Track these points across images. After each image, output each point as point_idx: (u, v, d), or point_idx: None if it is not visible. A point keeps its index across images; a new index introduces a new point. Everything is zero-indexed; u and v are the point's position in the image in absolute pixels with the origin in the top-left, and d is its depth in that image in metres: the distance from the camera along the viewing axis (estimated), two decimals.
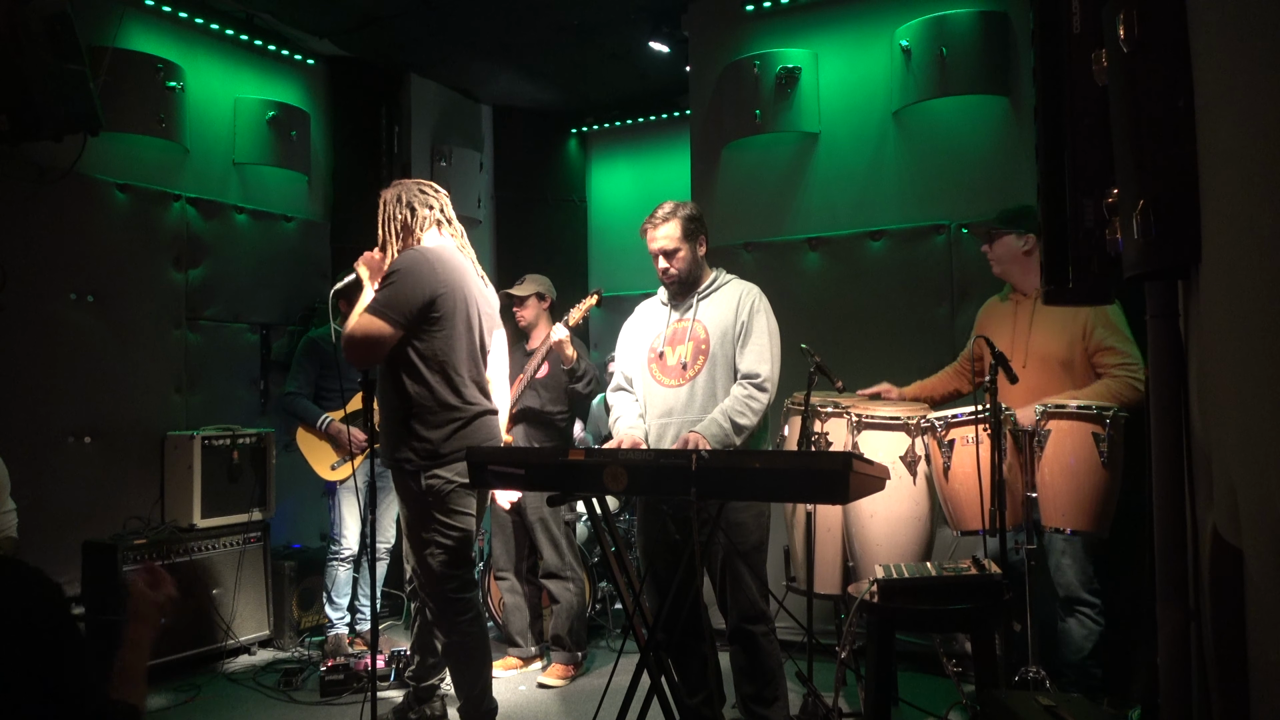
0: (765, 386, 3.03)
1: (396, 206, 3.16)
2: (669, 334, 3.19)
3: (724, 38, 4.86)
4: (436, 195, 3.21)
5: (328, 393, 4.50)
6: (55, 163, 3.99)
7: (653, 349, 3.21)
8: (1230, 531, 1.25)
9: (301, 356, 4.55)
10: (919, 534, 3.32)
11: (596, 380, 4.36)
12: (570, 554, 4.28)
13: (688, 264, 3.17)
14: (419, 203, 3.16)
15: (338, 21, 5.19)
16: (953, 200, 4.27)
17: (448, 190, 3.33)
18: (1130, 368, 3.19)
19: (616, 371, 3.36)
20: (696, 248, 3.18)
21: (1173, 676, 1.64)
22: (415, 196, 3.17)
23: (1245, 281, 1.12)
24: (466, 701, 3.09)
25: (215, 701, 3.91)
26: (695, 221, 3.18)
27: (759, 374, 3.02)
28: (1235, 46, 1.15)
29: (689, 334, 3.15)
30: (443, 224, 3.19)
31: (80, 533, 4.11)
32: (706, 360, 3.08)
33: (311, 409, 4.46)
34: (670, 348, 3.16)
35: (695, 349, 3.12)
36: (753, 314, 3.09)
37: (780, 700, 3.00)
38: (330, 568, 4.50)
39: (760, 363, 3.04)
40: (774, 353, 3.09)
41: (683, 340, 3.15)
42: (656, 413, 3.15)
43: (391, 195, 3.19)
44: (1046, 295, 1.88)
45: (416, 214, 3.14)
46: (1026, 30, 4.08)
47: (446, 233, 3.19)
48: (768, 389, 3.04)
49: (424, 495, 2.99)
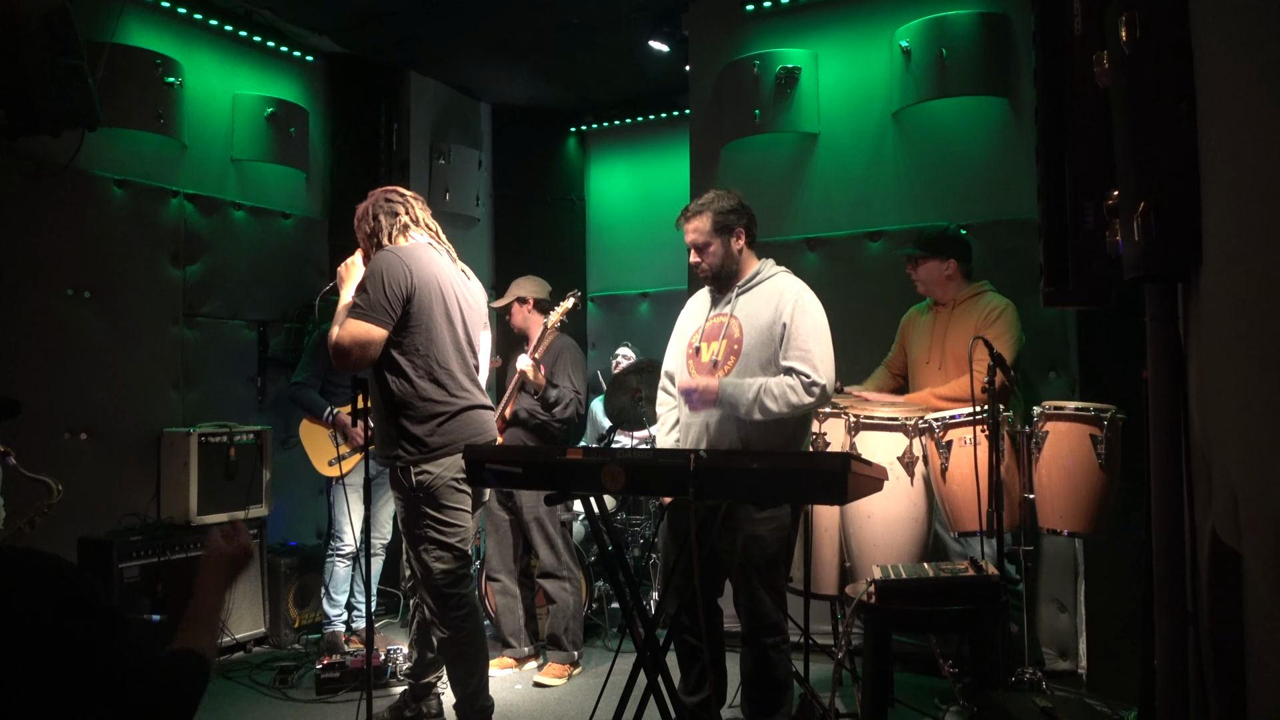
0: (813, 390, 2.84)
1: (364, 220, 3.20)
2: (707, 328, 3.08)
3: (724, 37, 4.86)
4: (403, 200, 3.21)
5: (336, 388, 4.50)
6: (53, 158, 3.98)
7: (691, 344, 3.10)
8: (1230, 535, 1.25)
9: (314, 349, 4.56)
10: (916, 535, 3.33)
11: (577, 404, 4.27)
12: (567, 554, 4.27)
13: (719, 259, 3.03)
14: (384, 212, 3.17)
15: (337, 18, 5.19)
16: (952, 202, 4.27)
17: (446, 188, 3.33)
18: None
19: (664, 367, 3.29)
20: (731, 241, 3.02)
21: (1170, 679, 1.64)
22: (380, 207, 3.19)
23: (1249, 285, 1.12)
24: (463, 699, 3.09)
25: (210, 699, 3.86)
26: (731, 214, 3.01)
27: (808, 374, 2.85)
28: (1238, 50, 1.15)
29: (724, 331, 3.01)
30: (410, 227, 3.18)
31: (76, 529, 4.09)
32: (737, 361, 2.95)
33: (317, 399, 4.48)
34: (706, 344, 3.05)
35: (728, 347, 2.99)
36: (795, 313, 2.91)
37: (783, 710, 2.96)
38: (329, 564, 4.50)
39: (806, 364, 2.86)
40: (822, 354, 2.89)
41: (717, 336, 3.03)
42: (686, 413, 3.07)
43: (361, 210, 3.22)
44: (1046, 297, 1.88)
45: (382, 224, 3.16)
46: (1026, 32, 4.09)
47: (416, 235, 3.18)
48: (815, 393, 2.84)
49: (415, 491, 3.00)
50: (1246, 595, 1.24)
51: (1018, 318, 3.59)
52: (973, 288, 3.74)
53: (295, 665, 4.19)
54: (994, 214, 4.15)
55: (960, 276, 3.74)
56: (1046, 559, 3.93)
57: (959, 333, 3.60)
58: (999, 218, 4.12)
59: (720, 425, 2.97)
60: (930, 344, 3.74)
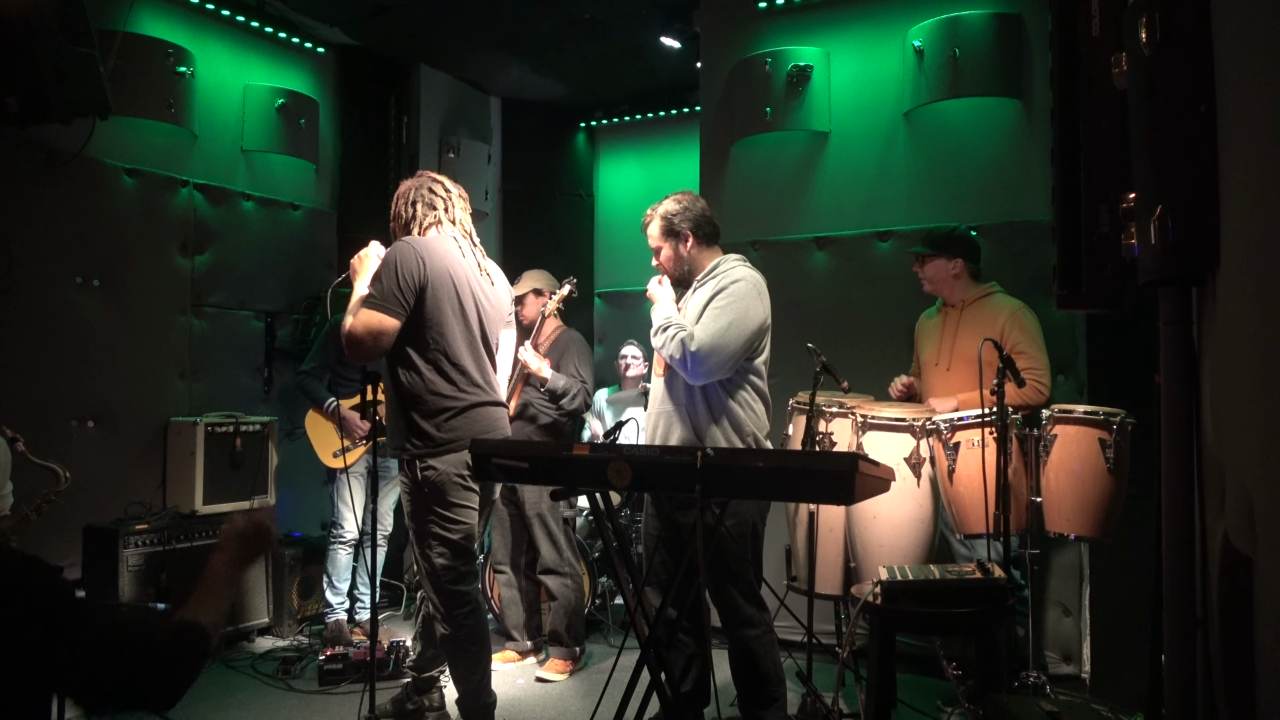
0: (690, 348, 2.84)
1: (404, 203, 3.16)
2: None
3: (736, 34, 4.84)
4: (446, 196, 3.18)
5: (345, 380, 4.51)
6: (64, 146, 3.98)
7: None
8: (1242, 540, 1.24)
9: (325, 340, 4.56)
10: (922, 536, 3.32)
11: (585, 394, 4.25)
12: (569, 550, 4.27)
13: (671, 262, 3.16)
14: (423, 202, 3.15)
15: (348, 10, 5.19)
16: (963, 202, 4.25)
17: (456, 181, 3.31)
18: (1036, 372, 3.43)
19: None
20: (680, 245, 3.13)
21: (1178, 683, 1.63)
22: (423, 196, 3.16)
23: (1267, 290, 1.11)
24: (465, 694, 3.09)
25: (212, 688, 3.91)
26: (675, 218, 3.11)
27: (693, 336, 2.88)
28: (1259, 52, 1.13)
29: None
30: (443, 224, 3.16)
31: (82, 517, 4.11)
32: None
33: (321, 390, 4.48)
34: None
35: None
36: (717, 295, 2.95)
37: (778, 703, 2.97)
38: (331, 551, 4.51)
39: (703, 329, 2.87)
40: (717, 329, 2.86)
41: None
42: (651, 403, 3.18)
43: (405, 189, 3.19)
44: (1059, 300, 1.87)
45: (417, 213, 3.14)
46: (1040, 33, 4.07)
47: (445, 232, 3.16)
48: (693, 354, 2.84)
49: (421, 486, 2.99)
50: (1258, 601, 1.23)
51: (1035, 321, 3.56)
52: (982, 289, 3.72)
53: (298, 656, 4.20)
54: (1005, 215, 4.13)
55: (967, 276, 3.72)
56: (1052, 563, 3.92)
57: (968, 335, 3.58)
58: (1010, 219, 4.11)
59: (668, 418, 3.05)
60: (940, 345, 3.72)
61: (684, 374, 2.95)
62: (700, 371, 2.89)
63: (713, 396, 2.98)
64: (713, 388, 2.98)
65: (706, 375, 2.91)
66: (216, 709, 3.67)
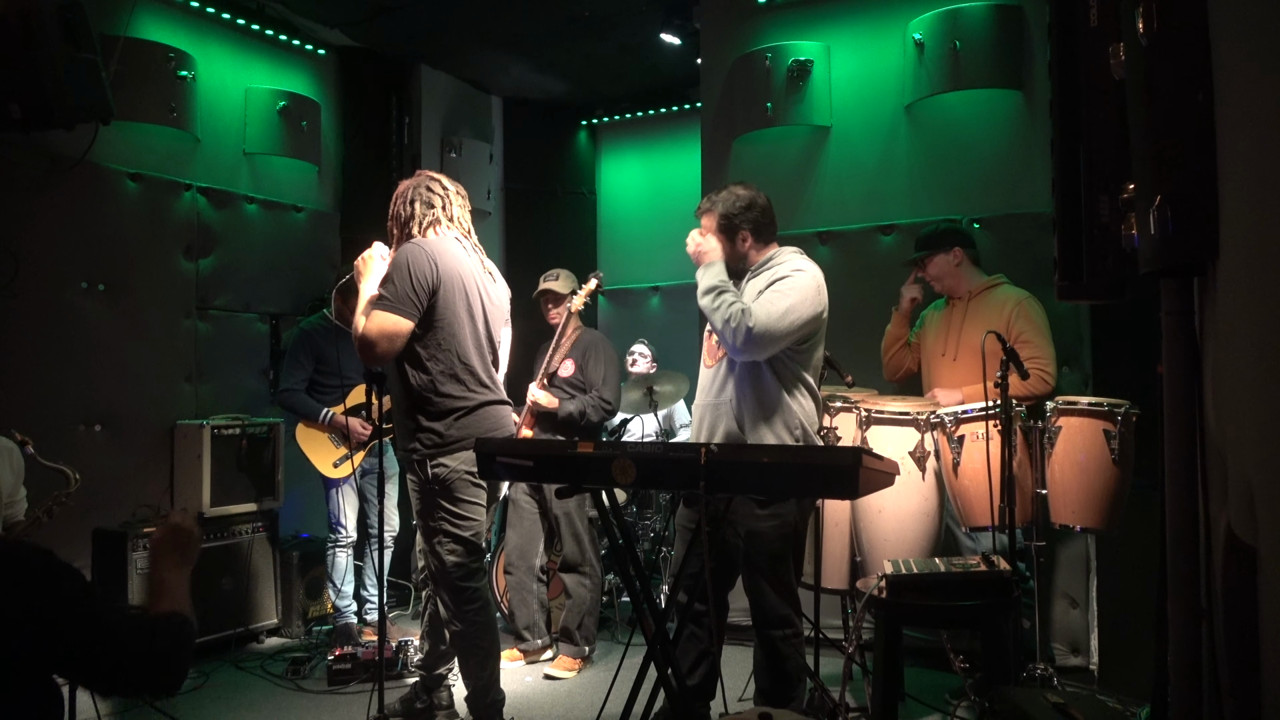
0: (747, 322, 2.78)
1: (402, 203, 3.16)
2: None
3: (735, 30, 4.84)
4: (444, 194, 3.18)
5: (326, 388, 4.41)
6: (67, 151, 4.00)
7: (709, 330, 3.09)
8: (1245, 530, 1.24)
9: (295, 349, 4.47)
10: (927, 530, 3.32)
11: (600, 405, 4.18)
12: (591, 550, 4.27)
13: (724, 254, 3.00)
14: (421, 200, 3.14)
15: (349, 12, 5.19)
16: (965, 195, 4.25)
17: (458, 181, 3.31)
18: (1041, 362, 3.45)
19: None
20: (737, 242, 3.01)
21: (1183, 675, 1.63)
22: (420, 194, 3.15)
23: (1267, 279, 1.10)
24: (474, 691, 3.10)
25: (223, 689, 3.93)
26: (736, 217, 2.99)
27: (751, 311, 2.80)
28: (1256, 40, 1.13)
29: None
30: (441, 223, 3.15)
31: (90, 520, 4.13)
32: None
33: (310, 403, 4.39)
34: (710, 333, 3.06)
35: None
36: (778, 280, 2.88)
37: (795, 703, 2.97)
38: (331, 554, 4.51)
39: (760, 306, 2.80)
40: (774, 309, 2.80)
41: None
42: (699, 394, 3.10)
43: (402, 188, 3.19)
44: (1060, 290, 1.86)
45: (416, 212, 3.13)
46: (1040, 24, 4.06)
47: (445, 230, 3.16)
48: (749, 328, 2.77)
49: (430, 484, 3.00)
50: (1262, 591, 1.23)
51: (1042, 312, 3.57)
52: (988, 280, 3.72)
53: (307, 656, 4.21)
54: (1007, 207, 4.13)
55: (969, 262, 3.74)
56: (1059, 555, 3.92)
57: (974, 326, 3.59)
58: (1012, 211, 4.10)
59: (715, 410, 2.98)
60: (946, 336, 3.73)
61: (727, 343, 2.85)
62: (749, 349, 2.81)
63: (764, 390, 2.91)
64: (766, 381, 2.90)
65: (752, 354, 2.84)
66: (226, 709, 3.69)
